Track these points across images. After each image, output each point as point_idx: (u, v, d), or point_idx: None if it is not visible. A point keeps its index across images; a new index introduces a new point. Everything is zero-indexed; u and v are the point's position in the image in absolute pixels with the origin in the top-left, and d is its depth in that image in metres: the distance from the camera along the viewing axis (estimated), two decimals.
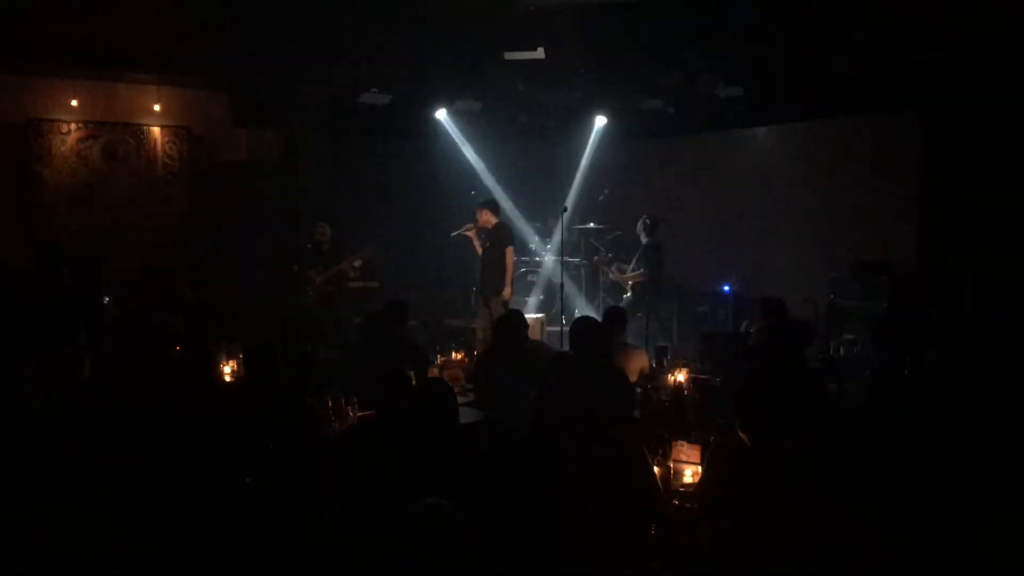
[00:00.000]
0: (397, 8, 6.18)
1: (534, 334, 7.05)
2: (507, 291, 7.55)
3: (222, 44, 7.07)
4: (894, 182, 7.54)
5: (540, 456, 2.99)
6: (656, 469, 3.32)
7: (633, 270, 8.05)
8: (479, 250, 7.79)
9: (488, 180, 9.64)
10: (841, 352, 6.19)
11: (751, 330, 6.06)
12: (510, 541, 2.48)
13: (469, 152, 9.60)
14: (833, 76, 7.15)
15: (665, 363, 5.29)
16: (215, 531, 3.02)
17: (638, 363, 5.14)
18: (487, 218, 7.73)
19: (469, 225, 7.82)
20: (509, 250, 7.61)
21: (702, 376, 4.84)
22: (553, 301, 8.75)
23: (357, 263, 8.27)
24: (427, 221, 9.33)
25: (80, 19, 6.48)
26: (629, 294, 8.06)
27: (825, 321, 7.17)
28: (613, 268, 8.41)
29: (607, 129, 9.59)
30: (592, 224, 9.28)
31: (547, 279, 9.22)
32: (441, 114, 9.16)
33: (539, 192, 9.88)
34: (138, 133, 8.23)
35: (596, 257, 8.81)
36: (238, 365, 5.18)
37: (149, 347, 4.78)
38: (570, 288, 9.01)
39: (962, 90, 6.68)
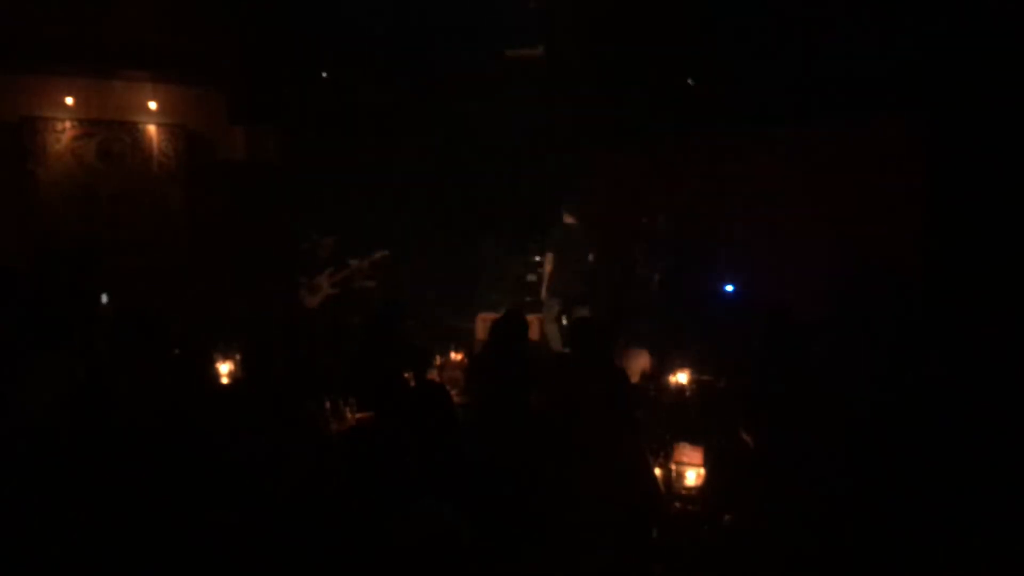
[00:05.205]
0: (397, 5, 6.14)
1: (534, 334, 7.00)
2: None
3: (219, 41, 7.02)
4: (898, 183, 7.49)
5: (540, 458, 2.95)
6: (657, 471, 3.28)
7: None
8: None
9: (489, 179, 9.58)
10: (845, 355, 6.16)
11: (754, 333, 6.01)
12: (510, 544, 2.45)
13: (469, 151, 9.53)
14: (836, 76, 7.11)
15: (667, 364, 5.24)
16: (214, 533, 2.99)
17: (639, 364, 5.08)
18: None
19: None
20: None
21: (704, 378, 4.79)
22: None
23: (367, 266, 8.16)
24: (427, 219, 9.27)
25: (75, 15, 6.43)
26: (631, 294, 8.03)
27: (828, 324, 7.12)
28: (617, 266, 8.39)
29: (607, 129, 9.53)
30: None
31: (547, 279, 9.15)
32: (443, 113, 9.10)
33: (539, 191, 9.82)
34: (134, 131, 8.18)
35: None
36: (235, 366, 5.13)
37: (146, 348, 4.74)
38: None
39: (968, 91, 6.63)
